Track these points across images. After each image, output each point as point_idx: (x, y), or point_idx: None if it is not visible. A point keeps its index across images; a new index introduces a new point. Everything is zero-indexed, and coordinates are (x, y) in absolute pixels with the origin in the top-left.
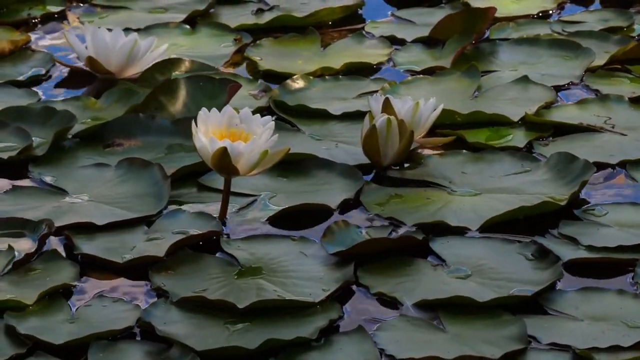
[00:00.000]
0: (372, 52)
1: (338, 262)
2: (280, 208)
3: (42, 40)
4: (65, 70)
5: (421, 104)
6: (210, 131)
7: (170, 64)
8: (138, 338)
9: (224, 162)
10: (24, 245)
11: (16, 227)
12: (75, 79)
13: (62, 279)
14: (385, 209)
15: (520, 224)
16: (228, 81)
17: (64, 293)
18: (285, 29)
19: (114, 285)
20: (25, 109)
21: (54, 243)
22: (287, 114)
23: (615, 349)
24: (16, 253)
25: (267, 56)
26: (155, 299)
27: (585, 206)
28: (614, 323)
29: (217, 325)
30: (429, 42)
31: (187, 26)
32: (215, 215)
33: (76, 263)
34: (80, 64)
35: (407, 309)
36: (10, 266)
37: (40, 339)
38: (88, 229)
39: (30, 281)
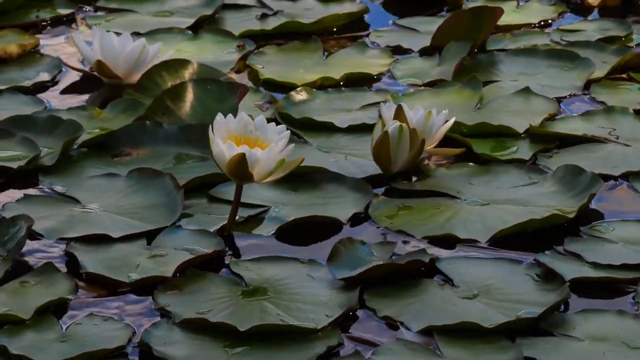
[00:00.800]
0: (373, 62)
1: (344, 286)
2: (289, 219)
3: (50, 44)
4: (71, 77)
5: (433, 114)
6: (226, 137)
7: (174, 65)
8: (134, 357)
9: (241, 168)
10: None
11: None
12: (81, 85)
13: (58, 294)
14: (394, 222)
15: (527, 237)
16: (235, 85)
17: (56, 309)
18: (290, 35)
19: (115, 303)
20: (30, 118)
21: (58, 255)
22: (293, 126)
23: None
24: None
25: (269, 64)
26: (158, 319)
27: (592, 223)
28: (615, 344)
29: (217, 347)
30: (428, 50)
31: (190, 32)
32: (221, 225)
33: (72, 277)
34: (87, 68)
35: (404, 333)
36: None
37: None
38: (93, 241)
39: (26, 295)
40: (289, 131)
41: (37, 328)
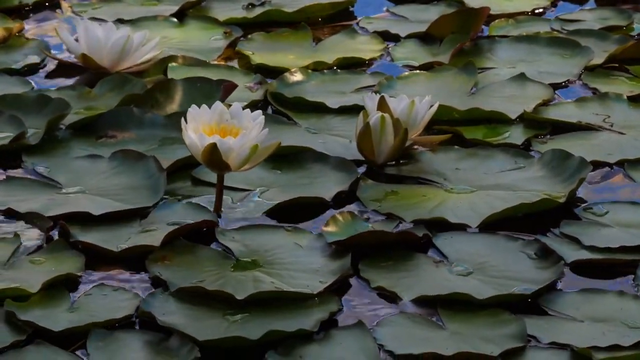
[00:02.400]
0: (364, 48)
1: (334, 254)
2: (275, 202)
3: (35, 28)
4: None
5: (417, 103)
6: (200, 128)
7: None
8: (137, 327)
9: (215, 158)
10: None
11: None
12: (69, 67)
13: (66, 269)
14: (383, 205)
15: (519, 222)
16: (224, 81)
17: (66, 283)
18: (275, 24)
19: (111, 275)
20: (19, 97)
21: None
22: (284, 107)
23: (614, 348)
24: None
25: (259, 50)
26: (153, 289)
27: (585, 204)
28: (615, 324)
29: (216, 316)
30: (426, 38)
31: (175, 19)
32: (210, 208)
33: (81, 253)
34: (72, 58)
35: (405, 304)
36: (15, 255)
37: (40, 325)
38: (82, 220)
39: (35, 270)
40: (263, 116)
41: (47, 300)
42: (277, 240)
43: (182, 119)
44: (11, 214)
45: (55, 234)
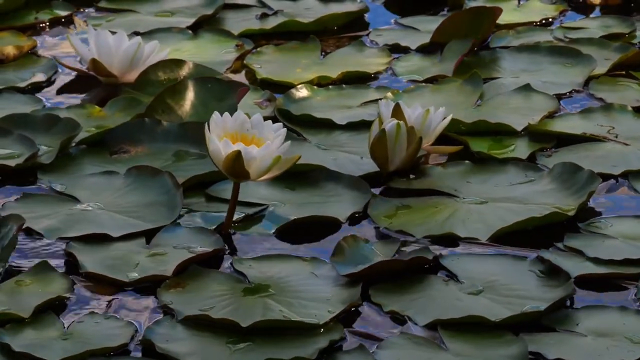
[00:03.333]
0: (370, 61)
1: (347, 282)
2: (288, 219)
3: (48, 45)
4: (67, 77)
5: (431, 112)
6: (222, 135)
7: (170, 65)
8: (137, 354)
9: (237, 165)
10: None
11: None
12: (77, 85)
13: (55, 292)
14: (394, 221)
15: (526, 235)
16: (236, 84)
17: (56, 307)
18: (289, 34)
19: (117, 301)
20: (28, 116)
21: (58, 255)
22: (292, 123)
23: None
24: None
25: (266, 64)
26: (160, 316)
27: (590, 219)
28: (618, 339)
29: (220, 344)
30: (430, 48)
31: (190, 31)
32: (212, 229)
33: (67, 275)
34: (83, 67)
35: (409, 327)
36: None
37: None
38: (92, 240)
39: (23, 294)
40: (285, 129)
41: (38, 326)
42: (292, 268)
43: (206, 125)
44: (28, 231)
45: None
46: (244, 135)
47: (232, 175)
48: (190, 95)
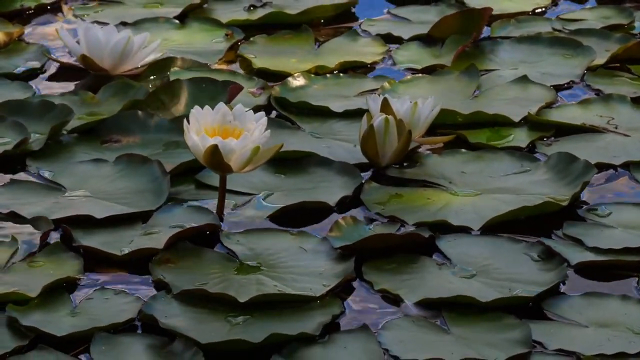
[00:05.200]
0: (366, 51)
1: (338, 257)
2: (278, 206)
3: (36, 32)
4: (58, 65)
5: (419, 104)
6: (202, 129)
7: (165, 63)
8: (139, 331)
9: (216, 159)
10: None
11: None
12: (70, 72)
13: (65, 273)
14: (386, 208)
15: (522, 225)
16: (230, 83)
17: (66, 287)
18: (277, 26)
19: (115, 278)
20: (22, 103)
21: (53, 236)
22: (288, 112)
23: (621, 355)
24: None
25: (260, 54)
26: (156, 292)
27: (588, 206)
28: (619, 329)
29: (219, 319)
30: (428, 40)
31: (177, 21)
32: (213, 210)
33: (79, 256)
34: (73, 60)
35: (409, 307)
36: (14, 259)
37: (42, 330)
38: (85, 223)
39: (34, 274)
40: (265, 118)
41: (47, 304)
42: (281, 243)
43: (185, 120)
44: (14, 217)
45: (53, 238)
46: (226, 127)
47: (215, 169)
48: (184, 93)
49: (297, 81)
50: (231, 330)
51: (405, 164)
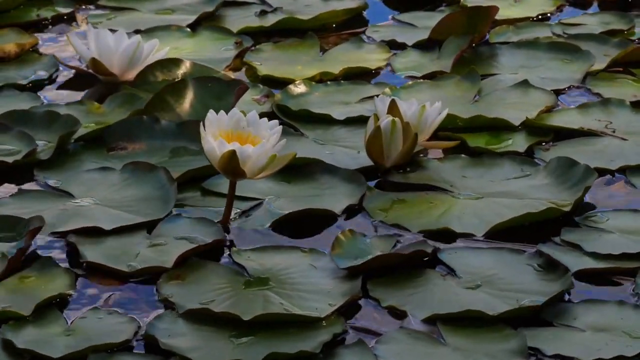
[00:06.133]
0: (371, 57)
1: (346, 275)
2: (284, 213)
3: (50, 43)
4: (68, 75)
5: (427, 107)
6: (217, 133)
7: (168, 65)
8: (137, 350)
9: (232, 164)
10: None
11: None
12: (78, 82)
13: (57, 288)
14: (389, 215)
15: (523, 230)
16: (235, 83)
17: (58, 303)
18: (289, 31)
19: (118, 293)
20: (28, 112)
21: (58, 249)
22: (290, 119)
23: (619, 359)
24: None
25: (266, 61)
26: (162, 311)
27: (587, 213)
28: (616, 334)
29: (222, 338)
30: (428, 44)
31: (189, 29)
32: (216, 221)
33: (71, 271)
34: (83, 66)
35: (409, 322)
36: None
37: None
38: (92, 233)
39: (25, 289)
40: (281, 126)
41: (40, 322)
42: (291, 259)
43: (201, 124)
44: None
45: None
46: (239, 133)
47: (228, 174)
48: (189, 94)
49: (298, 88)
50: (234, 350)
51: (407, 169)
